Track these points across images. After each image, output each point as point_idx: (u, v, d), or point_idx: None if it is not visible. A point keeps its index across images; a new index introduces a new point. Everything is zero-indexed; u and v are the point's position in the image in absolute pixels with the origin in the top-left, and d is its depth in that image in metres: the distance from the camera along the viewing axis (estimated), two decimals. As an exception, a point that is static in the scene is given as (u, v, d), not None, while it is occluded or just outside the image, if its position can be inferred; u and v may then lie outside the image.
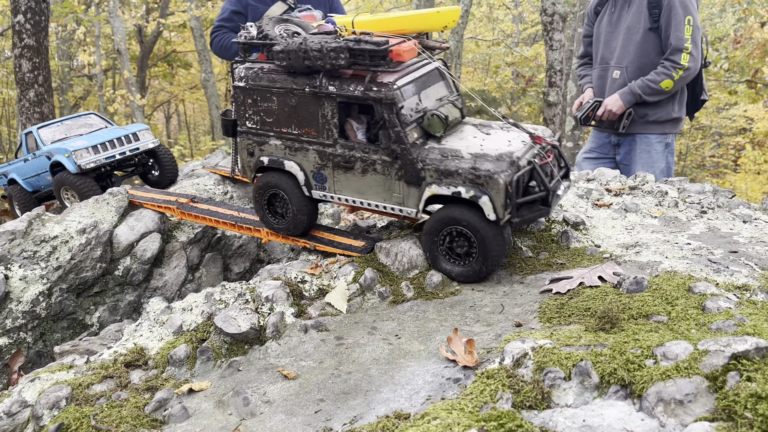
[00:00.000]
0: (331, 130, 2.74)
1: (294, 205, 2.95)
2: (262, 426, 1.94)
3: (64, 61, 18.81)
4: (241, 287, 2.74)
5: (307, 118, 2.77)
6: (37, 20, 8.64)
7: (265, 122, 2.88)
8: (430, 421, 1.64)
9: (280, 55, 2.67)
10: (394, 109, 2.59)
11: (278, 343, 2.35)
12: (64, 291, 3.19)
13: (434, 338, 2.27)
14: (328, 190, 2.86)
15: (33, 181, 4.24)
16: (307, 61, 2.61)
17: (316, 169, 2.83)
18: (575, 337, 1.95)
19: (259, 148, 2.95)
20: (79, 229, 3.30)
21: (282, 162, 2.90)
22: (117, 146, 3.98)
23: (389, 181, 2.69)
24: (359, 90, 2.62)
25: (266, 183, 2.98)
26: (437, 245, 2.66)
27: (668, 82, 4.39)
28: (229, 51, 4.94)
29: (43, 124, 4.18)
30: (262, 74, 2.84)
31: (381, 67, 2.56)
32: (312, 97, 2.72)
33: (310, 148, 2.81)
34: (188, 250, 3.62)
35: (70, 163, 3.81)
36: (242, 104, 2.92)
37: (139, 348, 2.38)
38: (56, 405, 2.06)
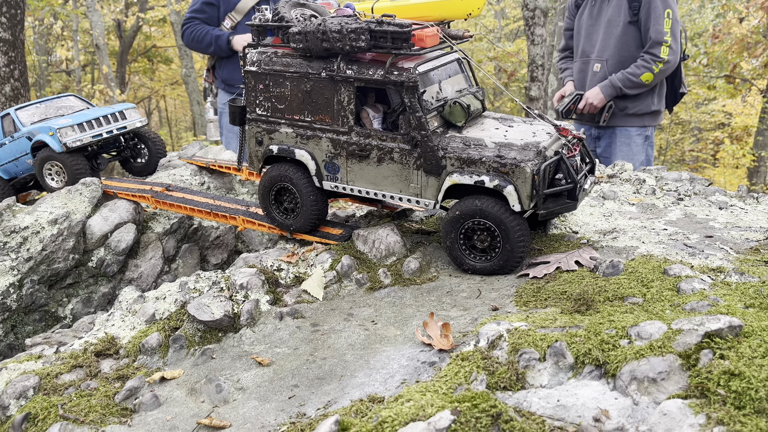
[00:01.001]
0: (347, 117, 2.63)
1: (304, 198, 2.82)
2: (234, 413, 1.91)
3: (42, 56, 18.51)
4: (216, 276, 2.70)
5: (321, 105, 2.67)
6: (12, 13, 8.47)
7: (277, 109, 2.78)
8: (403, 403, 1.61)
9: (296, 37, 2.57)
10: (416, 94, 2.50)
11: (253, 331, 2.32)
12: (36, 282, 3.12)
13: (411, 323, 2.25)
14: (340, 181, 2.74)
15: (10, 167, 4.02)
16: (326, 42, 2.51)
17: (328, 158, 2.71)
18: (551, 320, 1.94)
19: (268, 137, 2.83)
20: (51, 219, 3.23)
21: (292, 151, 2.78)
22: (104, 124, 3.78)
23: (407, 170, 2.59)
24: (379, 74, 2.52)
25: (274, 176, 2.86)
26: (457, 240, 2.54)
27: (648, 75, 4.41)
28: (201, 43, 4.86)
29: (20, 106, 3.96)
30: (275, 58, 2.74)
31: (403, 50, 2.45)
32: (328, 82, 2.62)
33: (323, 136, 2.70)
34: (164, 241, 3.57)
35: (54, 142, 3.60)
36: (253, 90, 2.81)
37: (110, 337, 2.33)
38: (23, 395, 2.01)
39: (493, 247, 2.50)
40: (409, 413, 1.55)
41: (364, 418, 1.62)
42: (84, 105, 4.10)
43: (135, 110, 3.97)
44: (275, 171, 2.85)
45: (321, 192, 2.82)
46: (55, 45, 18.65)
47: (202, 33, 4.82)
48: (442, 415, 1.51)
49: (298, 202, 2.85)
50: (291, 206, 2.89)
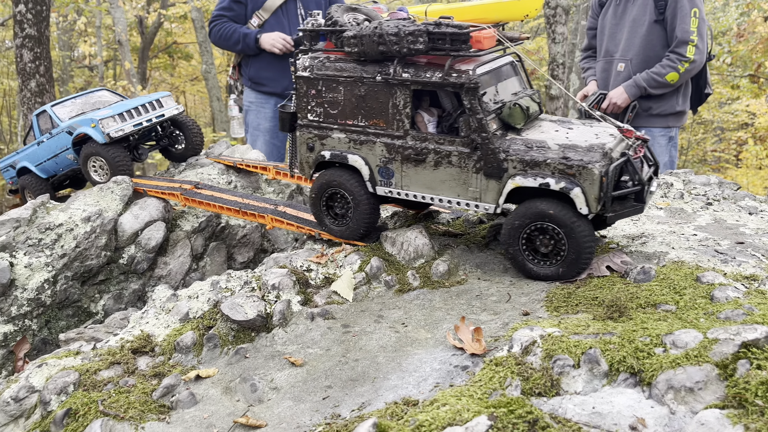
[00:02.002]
0: (402, 121, 2.60)
1: (356, 204, 2.78)
2: (270, 412, 1.95)
3: (65, 51, 18.75)
4: (246, 275, 2.73)
5: (375, 109, 2.65)
6: (38, 10, 8.60)
7: (329, 114, 2.76)
8: (439, 407, 1.64)
9: (351, 41, 2.56)
10: (477, 96, 2.46)
11: (285, 331, 2.35)
12: (69, 279, 3.19)
13: (441, 327, 2.27)
14: (394, 186, 2.70)
15: (49, 165, 4.01)
16: (382, 45, 2.50)
17: (382, 163, 2.68)
18: (583, 326, 1.95)
19: (320, 142, 2.82)
20: (84, 217, 3.29)
21: (345, 156, 2.75)
22: (142, 113, 3.78)
23: (465, 174, 2.53)
24: (438, 76, 2.49)
25: (326, 181, 2.83)
26: (519, 245, 2.49)
27: (674, 74, 4.37)
28: (228, 41, 4.90)
29: (56, 102, 3.96)
30: (328, 63, 2.73)
31: (462, 51, 2.43)
32: (383, 86, 2.60)
33: (378, 141, 2.67)
34: (192, 239, 3.62)
35: (97, 134, 3.60)
36: (304, 95, 2.80)
37: (146, 335, 2.38)
38: (64, 390, 2.06)
39: (557, 252, 2.45)
40: (445, 418, 1.57)
41: (400, 422, 1.64)
42: (117, 98, 4.11)
43: (171, 98, 3.96)
44: (327, 176, 2.84)
45: (374, 197, 2.80)
46: (78, 41, 18.87)
47: (230, 31, 4.86)
48: (479, 420, 1.53)
49: (350, 207, 2.83)
50: (342, 212, 2.88)
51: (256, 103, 5.05)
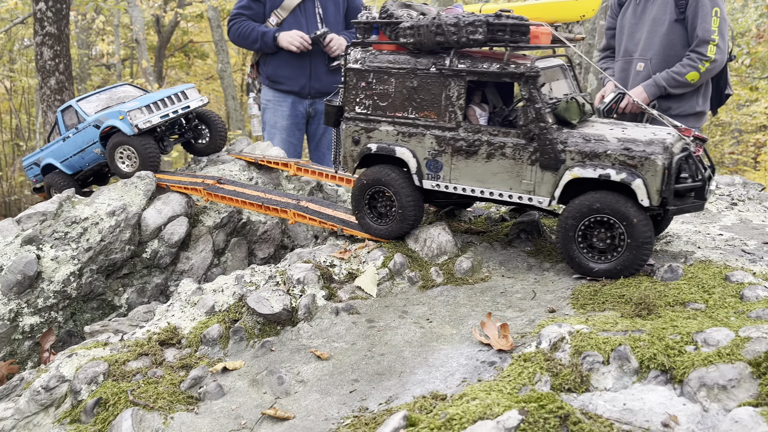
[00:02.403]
0: (455, 113, 2.60)
1: (402, 200, 2.75)
2: (297, 405, 1.96)
3: (83, 50, 18.94)
4: (270, 270, 2.75)
5: (427, 101, 2.65)
6: (58, 8, 8.69)
7: (378, 107, 2.77)
8: (469, 402, 1.64)
9: (408, 32, 2.58)
10: (536, 85, 2.46)
11: (310, 325, 2.36)
12: (94, 272, 3.23)
13: (466, 323, 2.27)
14: (442, 179, 2.68)
15: (75, 160, 3.97)
16: (440, 36, 2.51)
17: (431, 155, 2.67)
18: (611, 323, 1.94)
19: (366, 135, 2.81)
20: (109, 211, 3.33)
21: (393, 149, 2.74)
22: (168, 105, 3.78)
23: (519, 166, 2.51)
24: (496, 66, 2.50)
25: (370, 179, 2.81)
26: (575, 240, 2.43)
27: (694, 74, 4.34)
28: (247, 39, 4.93)
29: (81, 97, 3.96)
30: (380, 55, 2.75)
31: (521, 43, 2.43)
32: (437, 78, 2.61)
33: (427, 133, 2.67)
34: (214, 234, 3.65)
35: (125, 126, 3.59)
36: (354, 88, 2.82)
37: (173, 327, 2.40)
38: (94, 380, 2.08)
39: (613, 247, 2.39)
40: (476, 411, 1.58)
41: (430, 415, 1.65)
42: (141, 92, 4.13)
43: (194, 89, 3.97)
44: (372, 173, 2.82)
45: (419, 193, 2.78)
46: (96, 39, 19.06)
47: (248, 29, 4.89)
48: (510, 414, 1.53)
49: (393, 206, 2.81)
50: (385, 211, 2.85)
51: (273, 101, 5.08)
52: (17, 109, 20.01)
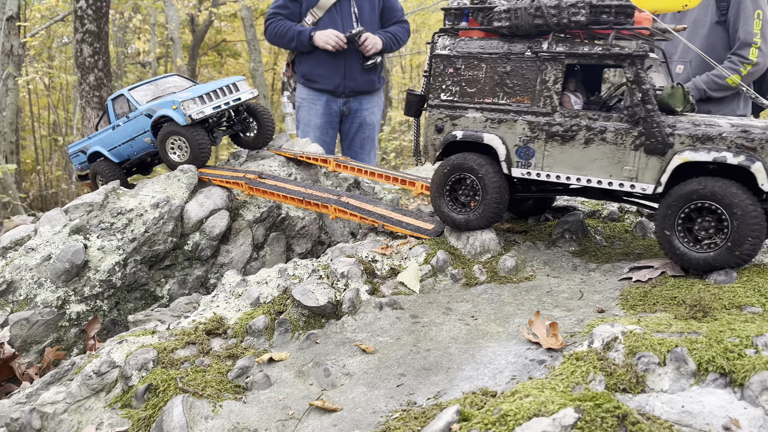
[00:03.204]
0: (551, 98, 2.54)
1: (487, 189, 2.67)
2: (344, 397, 1.96)
3: (120, 48, 19.32)
4: (313, 264, 2.77)
5: (520, 86, 2.60)
6: (98, 6, 8.87)
7: (465, 93, 2.72)
8: (522, 398, 1.62)
9: (503, 15, 2.56)
10: (644, 66, 2.37)
11: (354, 319, 2.37)
12: (138, 262, 3.28)
13: (512, 321, 2.25)
14: (533, 167, 2.60)
15: (124, 149, 3.99)
16: (539, 19, 2.48)
17: (522, 142, 2.60)
18: (665, 324, 1.90)
19: (451, 123, 2.77)
20: (153, 203, 3.39)
21: (481, 135, 2.68)
22: (220, 96, 3.80)
23: (621, 151, 2.41)
24: (599, 49, 2.42)
25: (453, 165, 2.74)
26: (675, 228, 2.33)
27: (735, 77, 4.24)
28: (283, 38, 4.98)
29: (132, 86, 4.00)
30: (470, 41, 2.72)
31: (627, 25, 2.36)
32: (532, 62, 2.56)
33: (519, 119, 2.60)
34: (254, 228, 3.68)
35: (178, 115, 3.61)
36: (440, 74, 2.78)
37: (218, 317, 2.43)
38: (144, 367, 2.12)
39: (716, 236, 2.27)
40: (530, 408, 1.56)
41: (482, 410, 1.63)
42: (189, 83, 4.16)
43: (245, 82, 3.98)
44: (456, 159, 2.75)
45: (507, 182, 2.71)
46: (132, 38, 19.44)
47: (285, 29, 4.94)
48: (566, 412, 1.51)
49: (477, 194, 2.73)
50: (468, 200, 2.78)
51: (308, 100, 5.12)
52: (55, 105, 20.51)
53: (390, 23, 5.26)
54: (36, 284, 3.07)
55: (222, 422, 1.88)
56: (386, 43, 5.04)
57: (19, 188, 15.08)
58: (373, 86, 5.20)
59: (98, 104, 9.11)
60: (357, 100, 5.18)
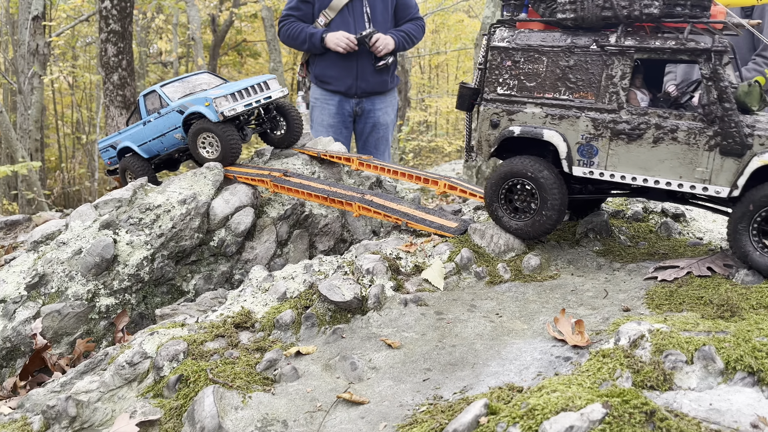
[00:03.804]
0: (617, 94, 2.42)
1: (546, 195, 2.57)
2: (371, 390, 1.99)
3: (142, 47, 19.59)
4: (338, 260, 2.80)
5: (584, 81, 2.49)
6: (122, 6, 9.01)
7: (524, 87, 2.62)
8: (549, 393, 1.64)
9: (567, 7, 2.45)
10: (722, 62, 2.26)
11: (379, 314, 2.40)
12: (165, 257, 3.35)
13: (537, 319, 2.26)
14: (596, 166, 2.49)
15: (154, 144, 4.02)
16: (607, 11, 2.37)
17: (585, 140, 2.49)
18: (692, 323, 1.91)
19: (508, 118, 2.66)
20: (180, 199, 3.45)
21: (540, 132, 2.57)
22: (252, 94, 3.82)
23: (694, 151, 2.30)
24: (672, 43, 2.30)
25: (510, 169, 2.65)
26: (749, 235, 2.26)
27: (760, 79, 4.21)
28: (296, 40, 5.00)
29: (165, 83, 4.04)
30: (530, 33, 2.62)
31: (701, 18, 2.26)
32: (597, 56, 2.45)
33: (582, 115, 2.49)
34: (278, 225, 3.73)
35: (210, 112, 3.63)
36: (497, 68, 2.68)
37: (246, 311, 2.48)
38: (175, 358, 2.17)
39: None
40: (558, 403, 1.58)
41: (509, 404, 1.65)
42: (219, 80, 4.19)
43: (275, 80, 4.00)
44: (512, 163, 2.66)
45: (565, 188, 2.60)
46: (154, 38, 19.70)
47: (297, 30, 4.96)
48: (594, 407, 1.53)
49: (533, 201, 2.65)
50: (522, 206, 2.69)
51: (321, 100, 5.14)
52: (79, 104, 20.83)
53: (404, 21, 5.23)
54: (67, 277, 3.15)
55: (251, 413, 1.91)
56: (399, 42, 5.02)
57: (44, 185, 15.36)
58: (385, 87, 5.19)
59: (122, 103, 9.25)
60: (370, 101, 5.18)
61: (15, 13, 17.08)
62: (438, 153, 21.10)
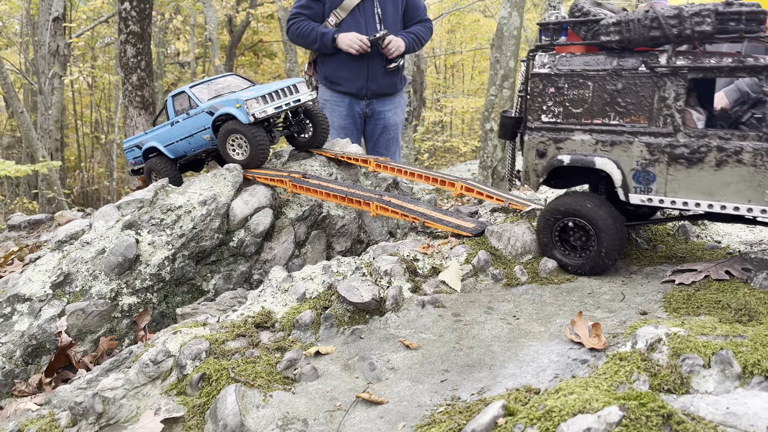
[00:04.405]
0: (672, 116, 2.32)
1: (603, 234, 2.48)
2: (389, 390, 2.03)
3: (160, 48, 19.81)
4: (356, 261, 2.84)
5: (635, 104, 2.39)
6: (142, 8, 9.12)
7: (570, 114, 2.54)
8: (566, 396, 1.66)
9: (612, 29, 2.37)
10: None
11: (397, 315, 2.43)
12: (186, 258, 3.41)
13: (554, 321, 2.28)
14: (655, 192, 2.39)
15: (182, 145, 4.04)
16: (656, 30, 2.28)
17: (641, 166, 2.39)
18: (710, 327, 1.92)
19: (555, 146, 2.58)
20: (201, 200, 3.51)
21: (591, 160, 2.48)
22: (281, 97, 3.84)
23: (762, 173, 2.19)
24: (729, 61, 2.21)
25: (562, 211, 2.59)
26: None
27: None
28: (306, 39, 4.96)
29: (193, 84, 4.05)
30: (572, 57, 2.53)
31: (758, 33, 2.17)
32: (648, 78, 2.36)
33: (635, 141, 2.39)
34: (296, 226, 3.78)
35: (241, 114, 3.64)
36: (540, 94, 2.60)
37: (267, 311, 2.52)
38: (197, 356, 2.22)
39: None
40: (575, 405, 1.60)
41: (526, 406, 1.68)
42: (247, 83, 4.21)
43: (304, 84, 4.02)
44: (563, 203, 2.60)
45: (622, 222, 2.53)
46: (172, 38, 19.90)
47: (308, 30, 4.94)
48: (611, 410, 1.55)
49: (589, 238, 2.56)
50: (579, 243, 2.61)
51: (330, 102, 5.12)
52: (97, 104, 21.11)
53: (413, 22, 5.23)
54: (91, 276, 3.22)
55: (272, 411, 1.96)
56: (409, 44, 5.02)
57: (63, 184, 15.60)
58: (395, 88, 5.19)
59: (140, 103, 9.37)
60: (380, 102, 5.17)
61: (36, 14, 17.36)
62: (453, 153, 21.09)
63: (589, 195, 2.56)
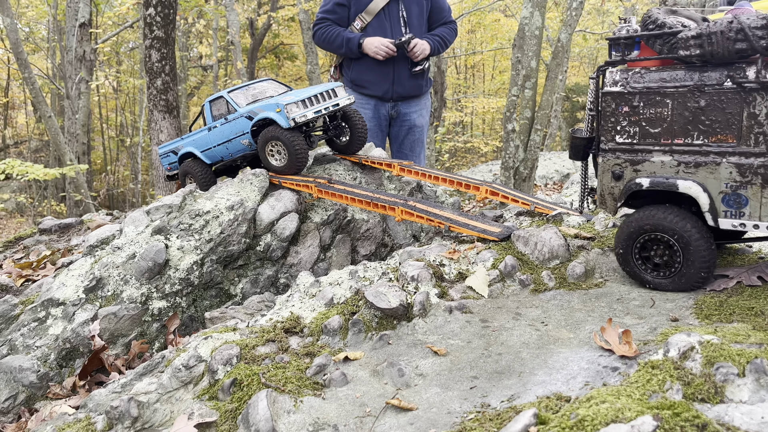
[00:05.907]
0: (764, 134, 2.16)
1: (692, 252, 2.33)
2: (418, 397, 2.04)
3: (183, 52, 20.08)
4: (382, 266, 2.85)
5: (720, 123, 2.23)
6: (166, 13, 9.25)
7: (648, 134, 2.37)
8: (598, 404, 1.66)
9: (691, 42, 2.22)
10: None
11: (425, 321, 2.44)
12: (214, 262, 3.46)
13: (583, 327, 2.27)
14: (749, 217, 2.23)
15: (219, 150, 4.03)
16: (741, 43, 2.13)
17: (730, 189, 2.24)
18: (743, 335, 1.89)
19: (632, 168, 2.43)
20: (228, 205, 3.55)
21: (674, 183, 2.32)
22: (320, 101, 3.82)
23: None
24: None
25: (642, 225, 2.43)
26: None
27: None
28: (332, 44, 5.01)
29: (232, 89, 4.05)
30: (646, 73, 2.37)
31: None
32: (735, 94, 2.19)
33: (723, 161, 2.23)
34: (321, 230, 3.81)
35: (282, 118, 3.64)
36: (613, 114, 2.44)
37: (295, 316, 2.55)
38: (228, 362, 2.25)
39: None
40: (608, 414, 1.59)
41: (558, 414, 1.68)
42: (284, 88, 4.23)
43: (342, 88, 4.02)
44: (644, 217, 2.43)
45: (710, 237, 2.36)
46: (194, 42, 20.15)
47: (334, 34, 4.99)
48: (644, 419, 1.54)
49: (675, 254, 2.41)
50: (663, 261, 2.46)
51: (356, 105, 5.15)
52: (122, 108, 21.47)
53: (438, 24, 5.26)
54: (122, 281, 3.29)
55: (303, 417, 1.98)
56: (434, 47, 5.06)
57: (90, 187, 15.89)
58: (420, 90, 5.23)
59: (164, 107, 9.51)
60: (406, 104, 5.22)
61: (62, 20, 17.72)
62: (474, 153, 21.01)
63: (675, 209, 2.40)
